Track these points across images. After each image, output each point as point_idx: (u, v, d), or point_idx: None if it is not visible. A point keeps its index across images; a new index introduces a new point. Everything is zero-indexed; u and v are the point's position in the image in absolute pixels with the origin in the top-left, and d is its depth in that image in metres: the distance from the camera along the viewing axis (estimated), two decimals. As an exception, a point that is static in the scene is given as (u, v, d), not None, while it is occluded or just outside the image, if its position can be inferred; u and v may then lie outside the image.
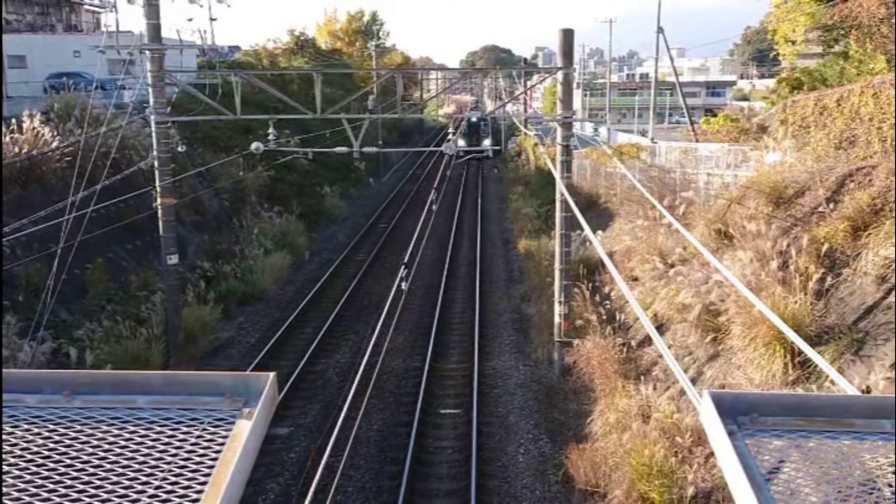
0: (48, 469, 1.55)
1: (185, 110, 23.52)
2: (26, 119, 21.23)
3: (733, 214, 17.73)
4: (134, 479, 1.52)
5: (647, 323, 8.66)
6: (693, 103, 64.44)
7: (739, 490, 1.52)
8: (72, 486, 1.51)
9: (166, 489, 1.50)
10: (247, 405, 1.72)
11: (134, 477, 1.52)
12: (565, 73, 18.23)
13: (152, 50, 17.55)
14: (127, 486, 1.51)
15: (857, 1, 22.78)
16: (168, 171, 18.60)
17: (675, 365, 7.52)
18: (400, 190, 49.47)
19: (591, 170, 36.93)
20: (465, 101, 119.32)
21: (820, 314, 12.56)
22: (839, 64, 26.03)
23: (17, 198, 19.23)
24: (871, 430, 1.72)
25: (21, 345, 15.36)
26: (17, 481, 1.52)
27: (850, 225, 13.58)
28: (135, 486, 1.51)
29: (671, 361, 7.55)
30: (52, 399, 1.75)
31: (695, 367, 14.90)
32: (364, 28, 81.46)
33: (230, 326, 22.05)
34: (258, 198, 32.69)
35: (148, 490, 1.50)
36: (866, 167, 15.40)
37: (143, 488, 1.50)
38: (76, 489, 1.51)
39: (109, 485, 1.51)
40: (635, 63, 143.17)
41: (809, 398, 1.83)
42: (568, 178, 18.84)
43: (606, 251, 17.50)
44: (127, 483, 1.51)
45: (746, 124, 31.70)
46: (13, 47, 40.20)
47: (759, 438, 1.69)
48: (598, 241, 12.26)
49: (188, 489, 1.50)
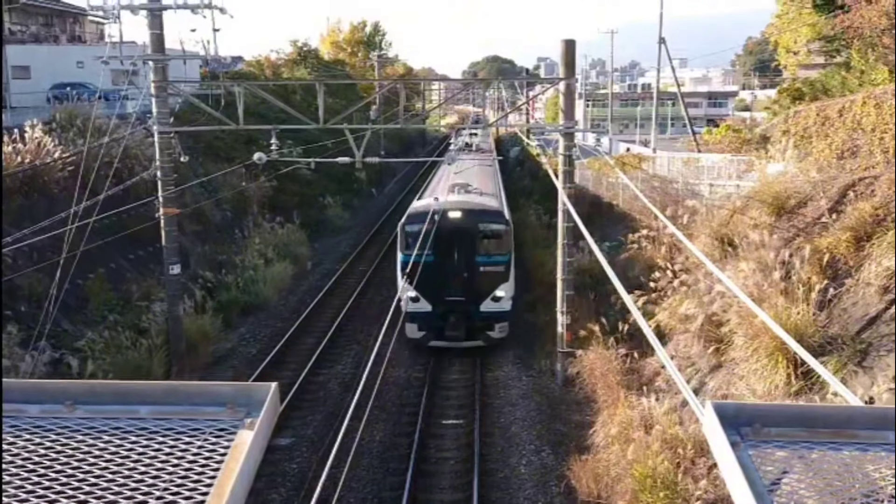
0: (50, 479, 1.55)
1: (188, 121, 23.61)
2: (29, 129, 21.29)
3: (736, 225, 17.73)
4: (136, 489, 1.52)
5: (649, 333, 8.64)
6: (695, 114, 64.52)
7: (742, 501, 1.52)
8: (73, 497, 1.51)
9: (168, 500, 1.49)
10: (248, 416, 1.72)
11: (136, 487, 1.52)
12: (567, 84, 18.28)
13: (155, 60, 17.62)
14: (129, 497, 1.50)
15: (858, 12, 22.82)
16: (170, 182, 18.64)
17: (678, 375, 7.51)
18: (402, 200, 49.50)
19: (593, 180, 36.95)
20: (468, 111, 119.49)
21: (823, 325, 12.54)
22: (841, 74, 26.05)
23: (20, 208, 19.26)
24: (874, 441, 1.71)
25: (23, 355, 15.36)
26: (19, 492, 1.52)
27: (853, 235, 13.57)
28: (137, 497, 1.50)
29: (674, 372, 7.53)
30: (54, 409, 1.75)
31: (697, 377, 14.87)
32: (367, 39, 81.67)
33: (232, 336, 22.04)
34: (260, 208, 32.73)
35: (150, 501, 1.49)
36: (868, 177, 15.40)
37: (145, 499, 1.50)
38: (78, 499, 1.50)
39: (111, 495, 1.51)
40: (637, 73, 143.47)
41: (812, 409, 1.83)
42: (571, 189, 18.85)
43: (609, 261, 17.49)
44: (129, 493, 1.51)
45: (748, 135, 31.72)
46: (17, 58, 40.37)
47: (762, 449, 1.68)
48: (600, 251, 12.25)
49: (190, 500, 1.50)
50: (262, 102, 27.71)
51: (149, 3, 17.12)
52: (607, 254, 17.88)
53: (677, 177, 28.25)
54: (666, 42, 41.95)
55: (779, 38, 37.58)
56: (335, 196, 40.84)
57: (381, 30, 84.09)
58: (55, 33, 52.10)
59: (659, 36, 42.13)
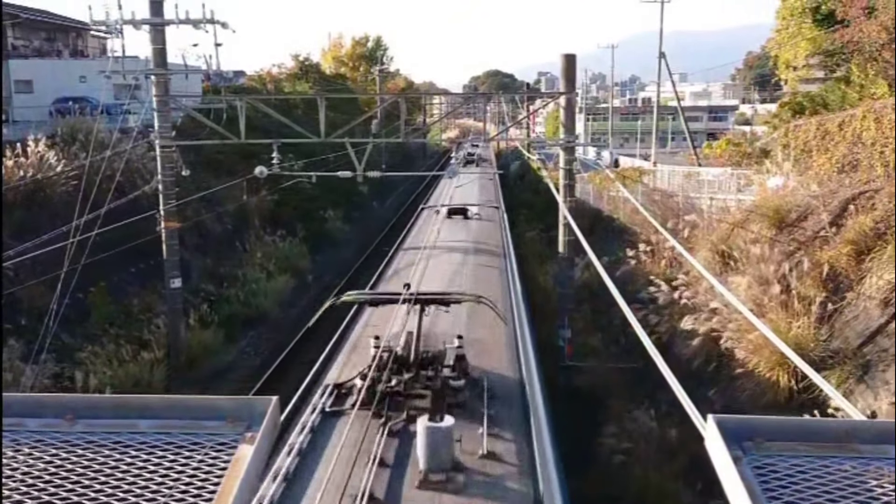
0: (49, 493, 1.54)
1: (190, 134, 23.63)
2: (31, 143, 21.34)
3: (736, 238, 17.73)
4: (136, 503, 1.51)
5: (650, 347, 8.62)
6: (695, 128, 64.66)
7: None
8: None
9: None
10: (249, 429, 1.72)
11: (136, 502, 1.52)
12: (568, 98, 18.32)
13: (157, 75, 17.69)
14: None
15: (858, 26, 22.90)
16: (172, 195, 18.67)
17: (680, 390, 7.48)
18: (403, 213, 49.51)
19: (593, 194, 37.00)
20: (468, 125, 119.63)
21: (824, 338, 12.51)
22: (841, 89, 26.14)
23: (22, 221, 19.28)
24: (875, 455, 1.71)
25: (24, 368, 15.33)
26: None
27: (854, 249, 13.56)
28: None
29: (675, 386, 7.50)
30: (54, 423, 1.74)
31: (699, 391, 14.82)
32: (368, 53, 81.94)
33: (233, 350, 21.99)
34: (261, 221, 32.73)
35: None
36: (869, 191, 15.40)
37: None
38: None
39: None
40: (637, 88, 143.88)
41: (814, 423, 1.82)
42: (572, 202, 18.86)
43: (610, 274, 17.47)
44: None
45: (748, 148, 31.77)
46: (20, 72, 40.55)
47: (763, 463, 1.68)
48: (601, 264, 12.25)
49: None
50: (263, 116, 27.77)
51: (151, 17, 17.21)
52: (607, 268, 17.87)
53: (678, 190, 28.28)
54: (666, 57, 42.11)
55: (779, 52, 37.67)
56: (336, 209, 40.85)
57: (383, 44, 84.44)
58: (58, 48, 52.29)
59: (659, 50, 42.31)
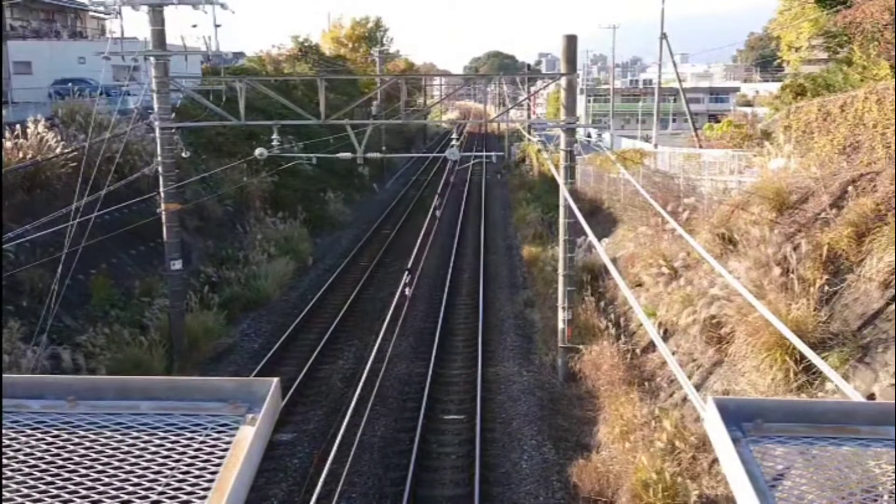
0: (51, 475, 1.55)
1: (190, 116, 23.60)
2: (31, 124, 21.29)
3: (737, 220, 17.72)
4: (137, 484, 1.52)
5: (651, 330, 8.65)
6: (696, 109, 64.47)
7: (744, 497, 1.51)
8: (75, 492, 1.51)
9: (169, 495, 1.50)
10: (250, 411, 1.72)
11: (137, 483, 1.52)
12: (569, 79, 18.25)
13: (157, 56, 17.61)
14: (130, 493, 1.51)
15: (860, 7, 22.75)
16: (172, 177, 18.64)
17: (680, 372, 7.51)
18: (403, 195, 49.49)
19: (594, 176, 36.94)
20: (469, 106, 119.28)
21: (824, 320, 12.53)
22: (843, 70, 26.00)
23: (22, 203, 19.28)
24: (875, 436, 1.71)
25: (24, 350, 15.39)
26: (21, 486, 1.52)
27: (854, 231, 13.55)
28: (138, 493, 1.51)
29: (675, 368, 7.53)
30: (56, 404, 1.75)
31: (699, 373, 14.87)
32: (368, 34, 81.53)
33: (233, 332, 22.05)
34: (262, 203, 32.73)
35: (151, 496, 1.49)
36: (870, 173, 15.37)
37: (146, 494, 1.50)
38: (79, 495, 1.51)
39: (112, 490, 1.51)
40: (638, 69, 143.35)
41: (814, 404, 1.82)
42: (572, 184, 18.84)
43: (610, 257, 17.51)
44: (130, 489, 1.51)
45: (750, 130, 31.67)
46: (19, 53, 40.39)
47: (763, 445, 1.68)
48: (601, 246, 12.25)
49: (191, 495, 1.50)
50: (263, 98, 27.71)
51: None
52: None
53: (678, 172, 28.24)
54: (667, 37, 41.90)
55: (781, 33, 37.48)
56: (337, 191, 40.83)
57: (383, 25, 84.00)
58: (56, 29, 52.09)
59: (661, 31, 42.09)
